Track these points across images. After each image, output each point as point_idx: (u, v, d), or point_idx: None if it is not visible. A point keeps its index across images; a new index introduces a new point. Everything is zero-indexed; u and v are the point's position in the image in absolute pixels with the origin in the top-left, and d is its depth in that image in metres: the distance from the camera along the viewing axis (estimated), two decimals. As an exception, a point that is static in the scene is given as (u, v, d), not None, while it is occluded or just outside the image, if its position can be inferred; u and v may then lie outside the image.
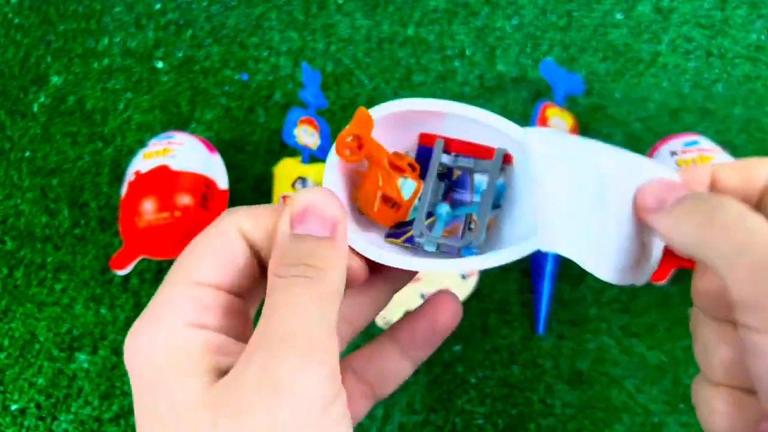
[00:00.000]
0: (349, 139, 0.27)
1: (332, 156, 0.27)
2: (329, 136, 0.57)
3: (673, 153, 0.48)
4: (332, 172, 0.27)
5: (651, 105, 0.59)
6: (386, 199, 0.28)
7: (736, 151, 0.55)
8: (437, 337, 0.27)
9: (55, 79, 0.65)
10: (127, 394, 0.49)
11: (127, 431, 0.48)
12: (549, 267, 0.49)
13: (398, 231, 0.29)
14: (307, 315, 0.19)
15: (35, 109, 0.63)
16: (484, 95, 0.61)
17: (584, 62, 0.62)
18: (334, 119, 0.60)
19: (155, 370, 0.20)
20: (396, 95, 0.61)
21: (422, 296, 0.46)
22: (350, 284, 0.23)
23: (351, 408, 0.22)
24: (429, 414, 0.47)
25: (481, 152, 0.29)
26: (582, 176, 0.26)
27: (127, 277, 0.54)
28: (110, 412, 0.49)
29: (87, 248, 0.56)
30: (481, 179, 0.29)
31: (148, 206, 0.49)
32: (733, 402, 0.21)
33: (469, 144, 0.29)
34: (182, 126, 0.61)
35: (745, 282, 0.18)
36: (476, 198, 0.29)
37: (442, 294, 0.27)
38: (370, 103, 0.61)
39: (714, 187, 0.24)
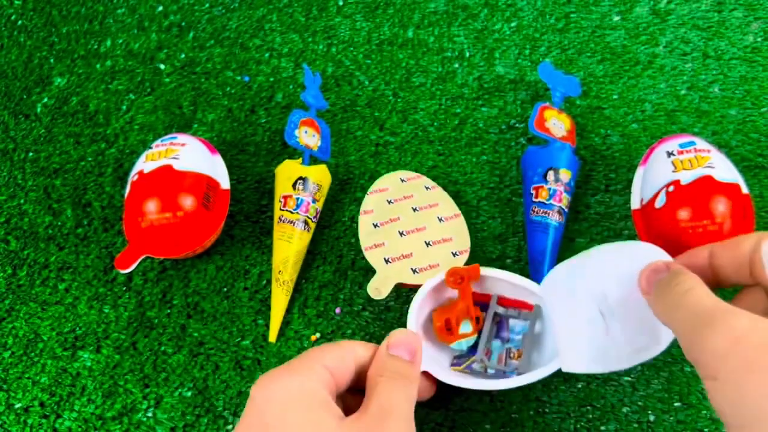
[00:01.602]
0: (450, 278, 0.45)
1: (425, 290, 0.46)
2: (329, 138, 0.58)
3: (670, 154, 0.49)
4: (423, 295, 0.46)
5: (648, 106, 0.60)
6: (448, 323, 0.44)
7: (732, 151, 0.56)
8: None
9: (59, 81, 0.65)
10: (130, 392, 0.50)
11: (129, 429, 0.48)
12: (546, 265, 0.49)
13: (459, 361, 0.45)
14: (402, 398, 0.34)
15: (39, 110, 0.64)
16: (482, 97, 0.61)
17: (582, 64, 0.62)
18: (334, 121, 0.61)
19: (291, 409, 0.31)
20: (396, 96, 0.62)
21: (413, 270, 0.47)
22: (421, 395, 0.41)
23: None
24: (428, 411, 0.47)
25: (519, 305, 0.46)
26: (583, 301, 0.40)
27: (129, 277, 0.54)
28: (113, 410, 0.49)
29: (90, 248, 0.56)
30: (514, 323, 0.46)
31: (151, 206, 0.49)
32: None
33: (511, 300, 0.47)
34: (184, 127, 0.62)
35: (685, 343, 0.28)
36: (512, 336, 0.46)
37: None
38: (371, 103, 0.62)
39: (712, 263, 0.33)
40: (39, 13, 0.69)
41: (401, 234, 0.50)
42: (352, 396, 0.38)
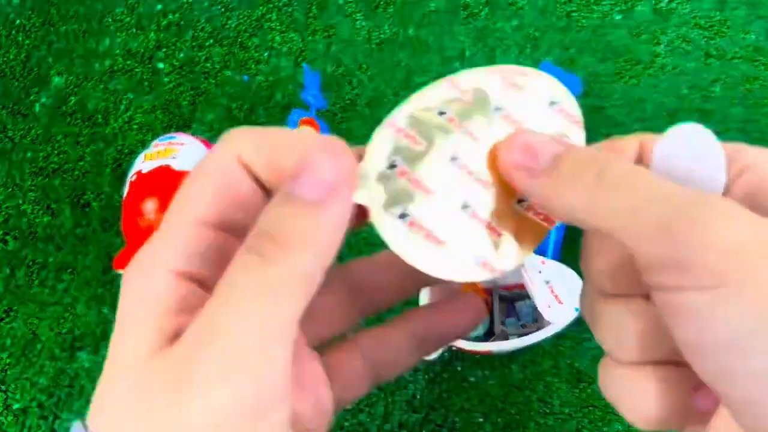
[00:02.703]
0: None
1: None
2: (330, 137, 0.57)
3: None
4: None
5: (649, 106, 0.59)
6: None
7: (735, 151, 0.56)
8: (453, 337, 0.25)
9: (57, 80, 0.65)
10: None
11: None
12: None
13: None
14: (243, 315, 0.16)
15: (37, 109, 0.64)
16: (483, 96, 0.61)
17: (583, 63, 0.62)
18: (334, 120, 0.61)
19: (120, 318, 0.18)
20: (396, 96, 0.62)
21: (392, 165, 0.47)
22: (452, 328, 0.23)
23: (352, 386, 0.22)
24: (428, 412, 0.47)
25: (520, 287, 0.50)
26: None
27: (128, 277, 0.54)
28: (112, 411, 0.49)
29: (88, 248, 0.56)
30: (520, 304, 0.53)
31: (150, 206, 0.49)
32: (660, 377, 0.19)
33: (512, 285, 0.52)
34: (183, 126, 0.61)
35: (654, 240, 0.16)
36: (522, 313, 0.53)
37: (469, 297, 0.25)
38: (371, 102, 0.62)
39: (642, 161, 0.20)
40: (37, 12, 0.69)
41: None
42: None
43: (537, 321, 0.51)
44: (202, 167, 0.19)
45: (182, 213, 0.18)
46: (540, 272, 0.48)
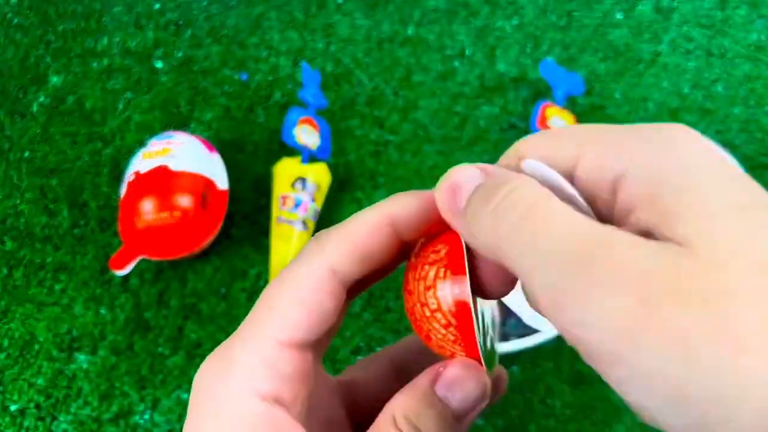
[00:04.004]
0: None
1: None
2: (329, 136, 0.57)
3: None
4: None
5: (651, 105, 0.59)
6: None
7: (737, 150, 0.55)
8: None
9: (55, 79, 0.65)
10: (127, 394, 0.49)
11: (126, 432, 0.48)
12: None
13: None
14: None
15: (34, 109, 0.63)
16: (483, 95, 0.61)
17: (584, 62, 0.62)
18: (333, 119, 0.60)
19: (214, 427, 0.18)
20: (396, 95, 0.61)
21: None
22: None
23: None
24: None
25: None
26: None
27: (126, 278, 0.54)
28: (109, 412, 0.49)
29: (86, 248, 0.56)
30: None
31: (148, 206, 0.49)
32: None
33: None
34: (182, 126, 0.61)
35: (543, 287, 0.15)
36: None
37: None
38: (370, 101, 0.61)
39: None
40: (35, 11, 0.69)
41: None
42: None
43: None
44: (292, 280, 0.19)
45: (269, 330, 0.19)
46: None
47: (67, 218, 0.57)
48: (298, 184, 0.53)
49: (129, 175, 0.52)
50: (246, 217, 0.56)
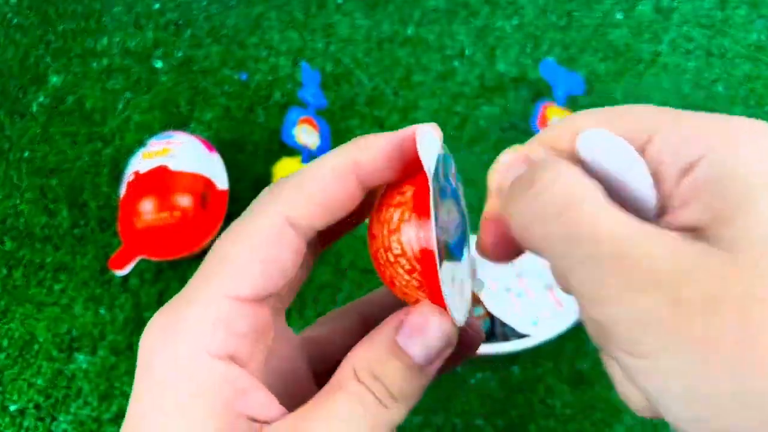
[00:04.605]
0: None
1: None
2: (329, 136, 0.57)
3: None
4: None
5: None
6: None
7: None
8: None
9: (55, 79, 0.65)
10: (127, 394, 0.49)
11: (126, 432, 0.48)
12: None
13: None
14: None
15: (34, 109, 0.63)
16: (484, 95, 0.61)
17: (584, 62, 0.62)
18: (333, 119, 0.60)
19: (166, 392, 0.17)
20: (396, 95, 0.61)
21: None
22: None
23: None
24: (429, 415, 0.47)
25: None
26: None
27: (126, 278, 0.54)
28: (109, 412, 0.49)
29: (86, 248, 0.56)
30: None
31: (147, 206, 0.49)
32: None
33: None
34: (181, 126, 0.61)
35: (578, 282, 0.15)
36: None
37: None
38: (370, 101, 0.61)
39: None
40: (35, 11, 0.69)
41: None
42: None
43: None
44: (246, 231, 0.18)
45: (222, 286, 0.17)
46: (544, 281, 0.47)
47: (67, 218, 0.57)
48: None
49: (129, 175, 0.52)
50: (246, 217, 0.56)
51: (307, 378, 0.22)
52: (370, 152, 0.18)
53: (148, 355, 0.17)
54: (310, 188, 0.18)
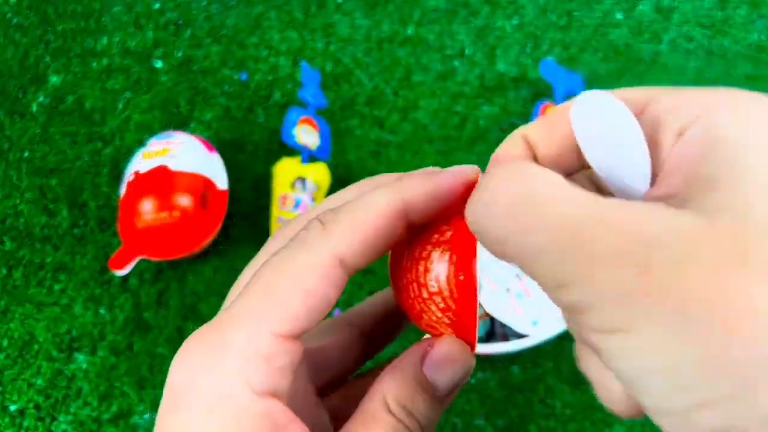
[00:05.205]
0: None
1: None
2: (329, 136, 0.57)
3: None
4: None
5: (651, 105, 0.59)
6: None
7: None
8: None
9: (54, 79, 0.65)
10: (126, 394, 0.49)
11: (126, 432, 0.48)
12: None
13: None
14: None
15: (34, 108, 0.63)
16: (483, 95, 0.61)
17: (584, 62, 0.62)
18: (333, 119, 0.60)
19: (206, 425, 0.16)
20: (396, 95, 0.61)
21: None
22: None
23: None
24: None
25: None
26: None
27: (126, 278, 0.54)
28: (109, 412, 0.49)
29: (86, 248, 0.56)
30: None
31: (147, 206, 0.49)
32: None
33: None
34: (181, 126, 0.61)
35: (544, 272, 0.14)
36: None
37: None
38: (370, 101, 0.61)
39: (529, 149, 0.19)
40: (34, 10, 0.69)
41: None
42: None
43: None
44: (294, 268, 0.17)
45: (264, 320, 0.17)
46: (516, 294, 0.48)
47: (67, 218, 0.57)
48: (298, 184, 0.53)
49: (129, 175, 0.51)
50: (246, 217, 0.56)
51: (312, 392, 0.22)
52: (420, 193, 0.18)
53: (183, 384, 0.17)
54: (364, 229, 0.18)
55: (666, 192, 0.15)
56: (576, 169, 0.19)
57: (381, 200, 0.18)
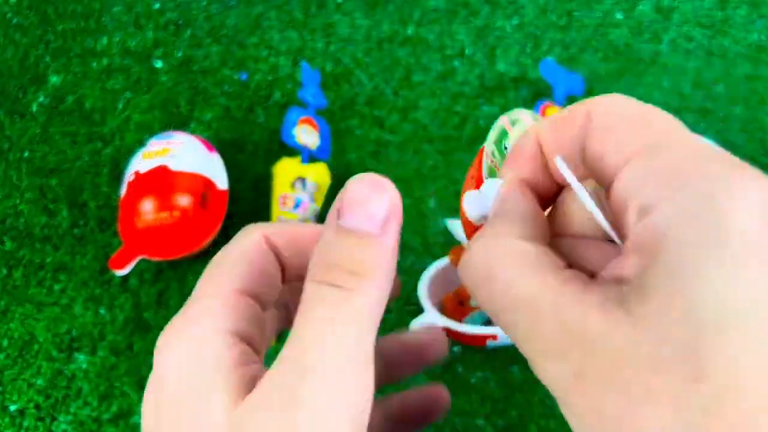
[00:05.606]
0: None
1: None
2: (329, 136, 0.57)
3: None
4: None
5: (652, 105, 0.59)
6: (458, 296, 0.46)
7: (737, 150, 0.55)
8: (425, 419, 0.27)
9: (54, 79, 0.65)
10: (126, 394, 0.49)
11: (126, 432, 0.48)
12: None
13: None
14: (339, 343, 0.17)
15: (34, 108, 0.63)
16: (483, 95, 0.61)
17: (584, 62, 0.62)
18: (333, 119, 0.60)
19: (184, 381, 0.18)
20: (396, 95, 0.61)
21: None
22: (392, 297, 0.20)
23: None
24: (429, 415, 0.47)
25: None
26: None
27: (126, 278, 0.54)
28: (109, 413, 0.49)
29: (86, 248, 0.56)
30: None
31: (147, 206, 0.49)
32: None
33: None
34: (181, 126, 0.61)
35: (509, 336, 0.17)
36: None
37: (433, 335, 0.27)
38: (370, 101, 0.61)
39: (539, 153, 0.18)
40: (34, 10, 0.69)
41: None
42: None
43: None
44: (232, 246, 0.21)
45: (222, 283, 0.20)
46: None
47: (67, 218, 0.57)
48: (298, 184, 0.53)
49: (129, 175, 0.52)
50: (246, 218, 0.56)
51: None
52: (280, 233, 0.22)
53: (164, 348, 0.19)
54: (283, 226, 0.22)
55: (622, 274, 0.15)
56: (582, 176, 0.18)
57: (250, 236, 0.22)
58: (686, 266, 0.13)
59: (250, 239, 0.21)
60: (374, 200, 0.18)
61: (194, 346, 0.18)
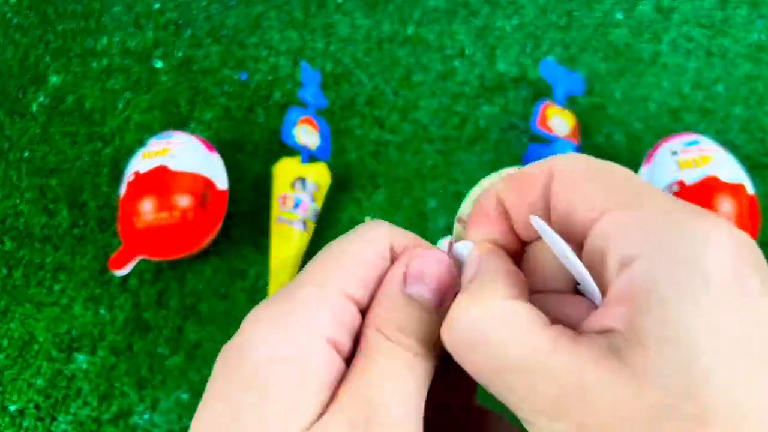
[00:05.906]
0: None
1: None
2: (329, 136, 0.57)
3: (674, 153, 0.48)
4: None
5: (651, 104, 0.59)
6: None
7: (737, 150, 0.55)
8: None
9: (54, 79, 0.65)
10: (126, 394, 0.49)
11: (126, 432, 0.48)
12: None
13: None
14: (402, 395, 0.17)
15: (34, 109, 0.63)
16: (483, 95, 0.61)
17: (585, 62, 0.62)
18: (333, 119, 0.60)
19: (277, 381, 0.17)
20: (396, 95, 0.61)
21: None
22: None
23: None
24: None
25: None
26: None
27: (126, 278, 0.54)
28: (109, 413, 0.49)
29: (86, 248, 0.56)
30: None
31: (147, 206, 0.49)
32: None
33: None
34: (181, 126, 0.61)
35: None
36: None
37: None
38: (370, 101, 0.61)
39: (503, 212, 0.20)
40: (34, 10, 0.69)
41: None
42: None
43: None
44: (359, 244, 0.20)
45: (335, 282, 0.19)
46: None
47: (67, 218, 0.57)
48: (297, 184, 0.53)
49: (129, 175, 0.51)
50: (246, 217, 0.56)
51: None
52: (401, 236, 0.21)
53: (252, 331, 0.18)
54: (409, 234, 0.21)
55: (609, 324, 0.15)
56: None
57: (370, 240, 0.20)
58: (675, 313, 0.14)
59: (377, 246, 0.20)
60: (440, 273, 0.19)
61: (295, 349, 0.18)
